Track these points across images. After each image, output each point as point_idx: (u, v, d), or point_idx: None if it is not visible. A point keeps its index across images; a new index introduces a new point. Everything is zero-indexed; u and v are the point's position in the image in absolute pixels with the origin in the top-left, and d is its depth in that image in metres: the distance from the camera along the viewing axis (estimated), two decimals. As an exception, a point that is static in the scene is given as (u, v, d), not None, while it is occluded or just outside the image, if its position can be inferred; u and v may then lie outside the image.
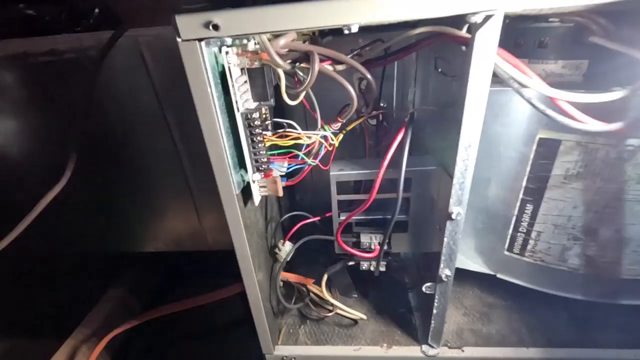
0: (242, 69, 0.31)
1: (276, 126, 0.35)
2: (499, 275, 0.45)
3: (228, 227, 0.34)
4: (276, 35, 0.29)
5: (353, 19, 0.25)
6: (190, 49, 0.26)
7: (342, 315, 0.49)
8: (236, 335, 0.54)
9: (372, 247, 0.43)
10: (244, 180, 0.34)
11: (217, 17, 0.25)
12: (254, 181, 0.34)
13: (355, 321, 0.48)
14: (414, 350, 0.44)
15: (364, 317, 0.48)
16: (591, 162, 0.33)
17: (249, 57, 0.30)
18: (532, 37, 0.34)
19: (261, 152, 0.33)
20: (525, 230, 0.40)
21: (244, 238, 0.36)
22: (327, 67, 0.30)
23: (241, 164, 0.33)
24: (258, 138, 0.32)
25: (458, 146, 0.29)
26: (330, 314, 0.49)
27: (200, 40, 0.26)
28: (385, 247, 0.41)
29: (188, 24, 0.25)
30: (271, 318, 0.45)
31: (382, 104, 0.52)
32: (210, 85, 0.28)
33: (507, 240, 0.42)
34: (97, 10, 0.49)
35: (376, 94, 0.44)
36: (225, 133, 0.30)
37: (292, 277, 0.51)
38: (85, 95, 0.46)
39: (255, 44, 0.30)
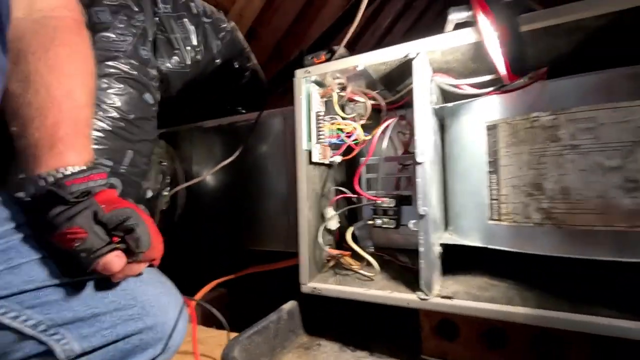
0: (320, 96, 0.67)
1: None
2: (489, 246, 0.54)
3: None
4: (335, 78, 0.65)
5: (358, 62, 0.59)
6: (298, 82, 0.65)
7: (361, 273, 0.63)
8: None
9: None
10: (309, 146, 0.65)
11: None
12: (315, 147, 0.65)
13: (370, 278, 0.62)
14: (411, 295, 0.54)
15: (377, 267, 0.61)
16: (516, 133, 0.50)
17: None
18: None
19: (320, 132, 0.65)
20: (496, 197, 0.53)
21: (304, 180, 0.64)
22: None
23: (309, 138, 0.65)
24: (320, 124, 0.65)
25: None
26: (355, 267, 0.64)
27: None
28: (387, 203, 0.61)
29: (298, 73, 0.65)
30: (312, 258, 0.65)
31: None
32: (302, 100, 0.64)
33: (488, 209, 0.54)
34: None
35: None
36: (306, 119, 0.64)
37: (333, 251, 0.70)
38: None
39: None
